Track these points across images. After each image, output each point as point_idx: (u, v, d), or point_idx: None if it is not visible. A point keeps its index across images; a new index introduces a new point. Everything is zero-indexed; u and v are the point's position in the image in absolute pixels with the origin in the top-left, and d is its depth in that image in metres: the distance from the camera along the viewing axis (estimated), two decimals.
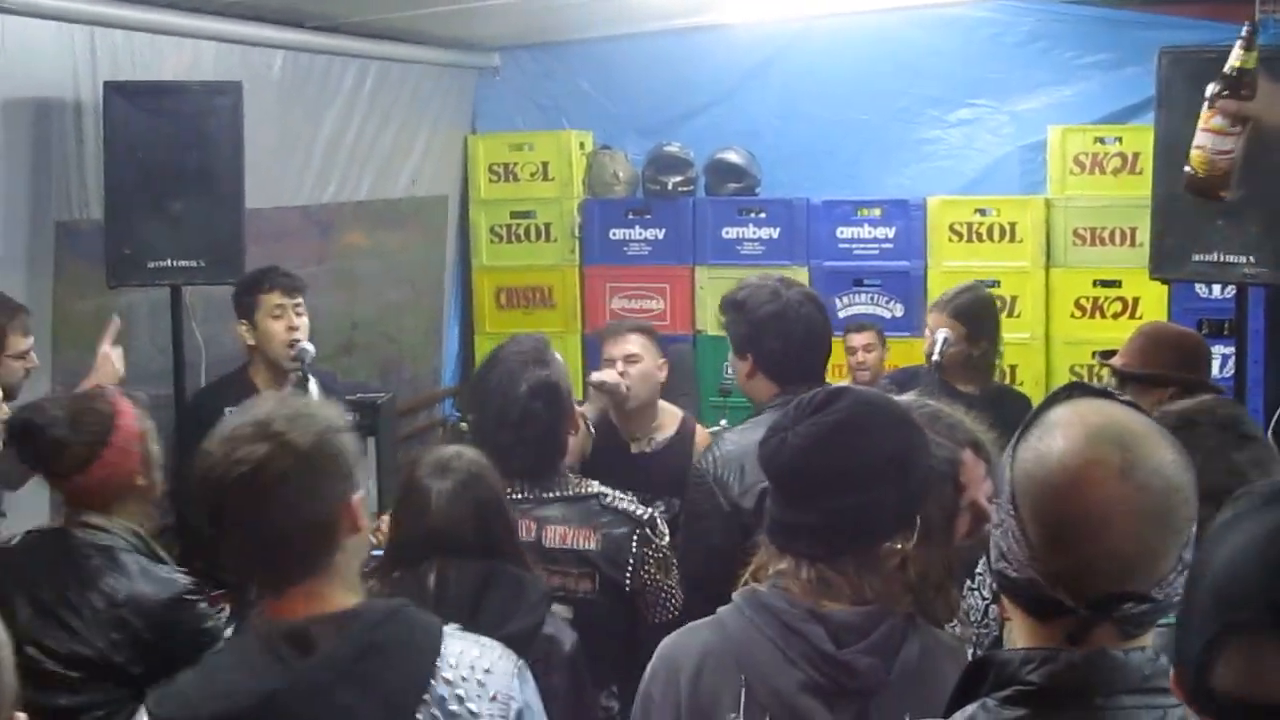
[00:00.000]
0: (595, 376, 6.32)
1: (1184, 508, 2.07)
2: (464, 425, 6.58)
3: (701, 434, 6.39)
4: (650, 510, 4.57)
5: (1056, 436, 2.11)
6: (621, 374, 6.24)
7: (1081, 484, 2.05)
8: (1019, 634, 2.18)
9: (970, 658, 3.02)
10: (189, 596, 4.05)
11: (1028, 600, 2.12)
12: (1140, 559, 2.04)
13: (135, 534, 4.14)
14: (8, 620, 3.84)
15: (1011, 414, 2.62)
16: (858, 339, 8.23)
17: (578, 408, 4.93)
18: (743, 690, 2.95)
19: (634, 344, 6.33)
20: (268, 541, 2.75)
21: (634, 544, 4.44)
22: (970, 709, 2.15)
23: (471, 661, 2.87)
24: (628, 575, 4.43)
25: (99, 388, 4.43)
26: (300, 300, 6.40)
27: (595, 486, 4.58)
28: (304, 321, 6.39)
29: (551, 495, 4.48)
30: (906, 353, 8.33)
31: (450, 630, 2.90)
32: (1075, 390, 2.21)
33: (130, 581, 3.99)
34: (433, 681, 2.78)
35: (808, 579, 2.96)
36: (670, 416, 6.44)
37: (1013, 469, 2.13)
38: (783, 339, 4.79)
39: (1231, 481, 2.57)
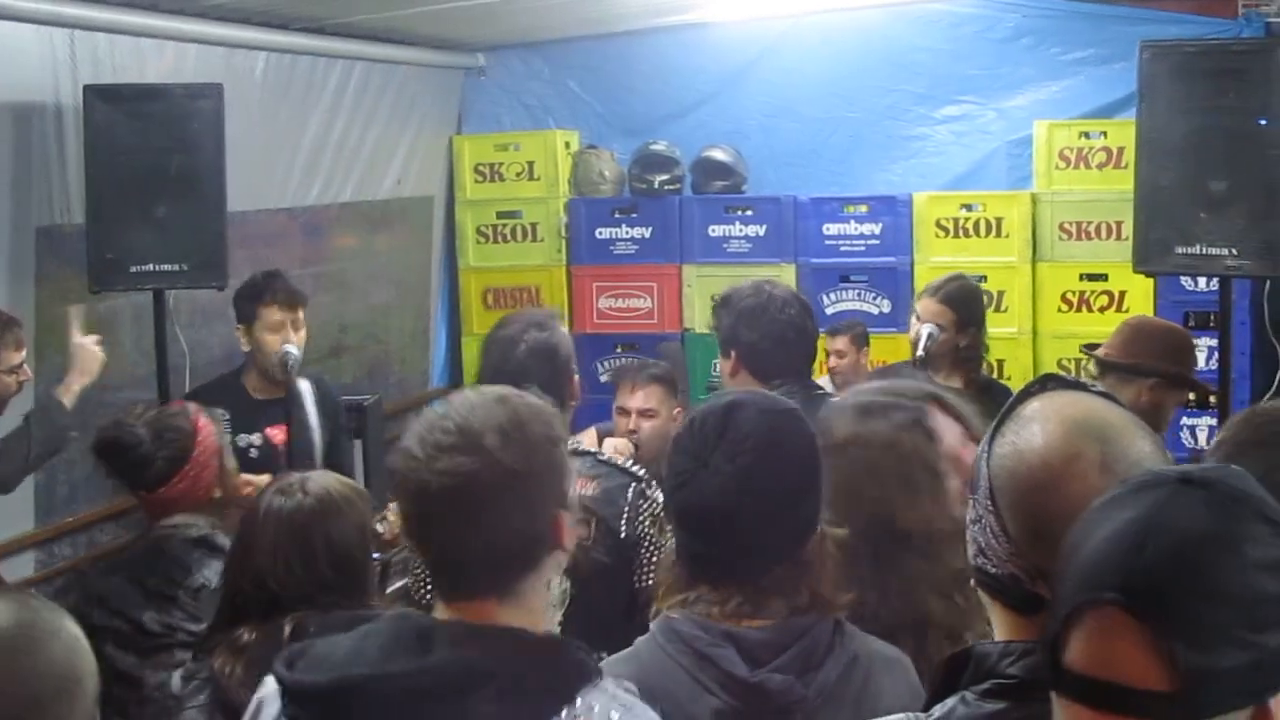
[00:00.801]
0: (605, 453, 6.26)
1: None
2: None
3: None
4: (645, 470, 4.72)
5: (1034, 431, 2.10)
6: (633, 430, 6.16)
7: (1062, 479, 2.04)
8: (998, 628, 2.16)
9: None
10: None
11: (1009, 595, 2.11)
12: None
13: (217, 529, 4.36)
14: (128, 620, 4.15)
15: (998, 408, 2.61)
16: (832, 343, 8.20)
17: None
18: None
19: (653, 397, 6.26)
20: (462, 556, 2.59)
21: (629, 494, 4.58)
22: (950, 702, 2.15)
23: None
24: (623, 522, 4.54)
25: (180, 405, 4.61)
26: (300, 313, 6.45)
27: (591, 447, 4.88)
28: (302, 335, 6.45)
29: None
30: (894, 349, 8.32)
31: (607, 686, 2.59)
32: (1049, 382, 2.20)
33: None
34: None
35: (732, 600, 2.90)
36: None
37: (989, 464, 2.12)
38: (761, 333, 4.87)
39: None
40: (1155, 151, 6.21)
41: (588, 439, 5.99)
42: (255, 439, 6.34)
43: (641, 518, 4.56)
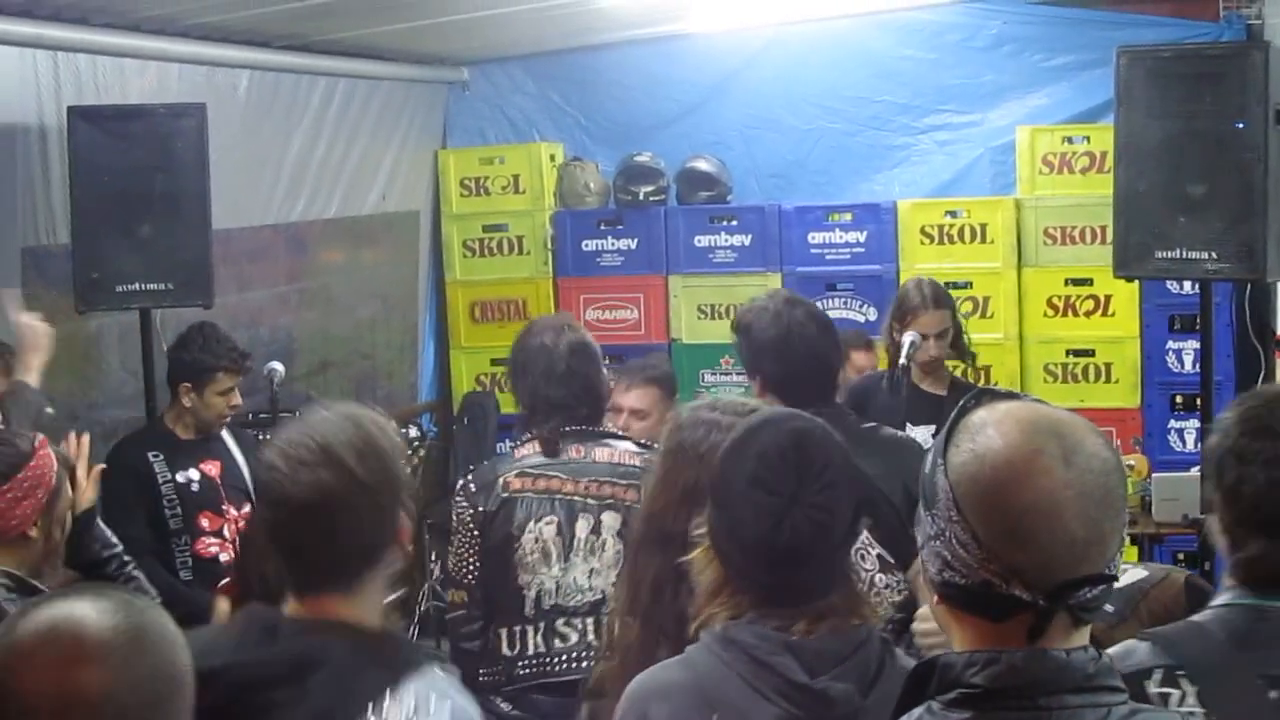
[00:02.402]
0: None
1: (1120, 487, 2.13)
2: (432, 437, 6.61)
3: None
4: None
5: (991, 435, 2.12)
6: (624, 428, 6.01)
7: (1028, 475, 2.07)
8: (962, 641, 2.17)
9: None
10: None
11: (980, 604, 2.12)
12: (1091, 542, 2.07)
13: (15, 577, 3.90)
14: None
15: None
16: (865, 359, 8.04)
17: None
18: None
19: (646, 398, 6.18)
20: (317, 559, 2.89)
21: None
22: (916, 712, 2.16)
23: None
24: None
25: (34, 435, 4.17)
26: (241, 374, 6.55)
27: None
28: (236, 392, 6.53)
29: (599, 430, 5.00)
30: (881, 356, 8.30)
31: (423, 684, 2.82)
32: (985, 396, 2.23)
33: None
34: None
35: (794, 622, 2.93)
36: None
37: (948, 476, 2.13)
38: (784, 364, 4.86)
39: None
40: (1133, 156, 6.23)
41: None
42: (194, 474, 6.34)
43: None
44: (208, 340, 6.39)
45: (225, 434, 6.53)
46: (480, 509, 4.91)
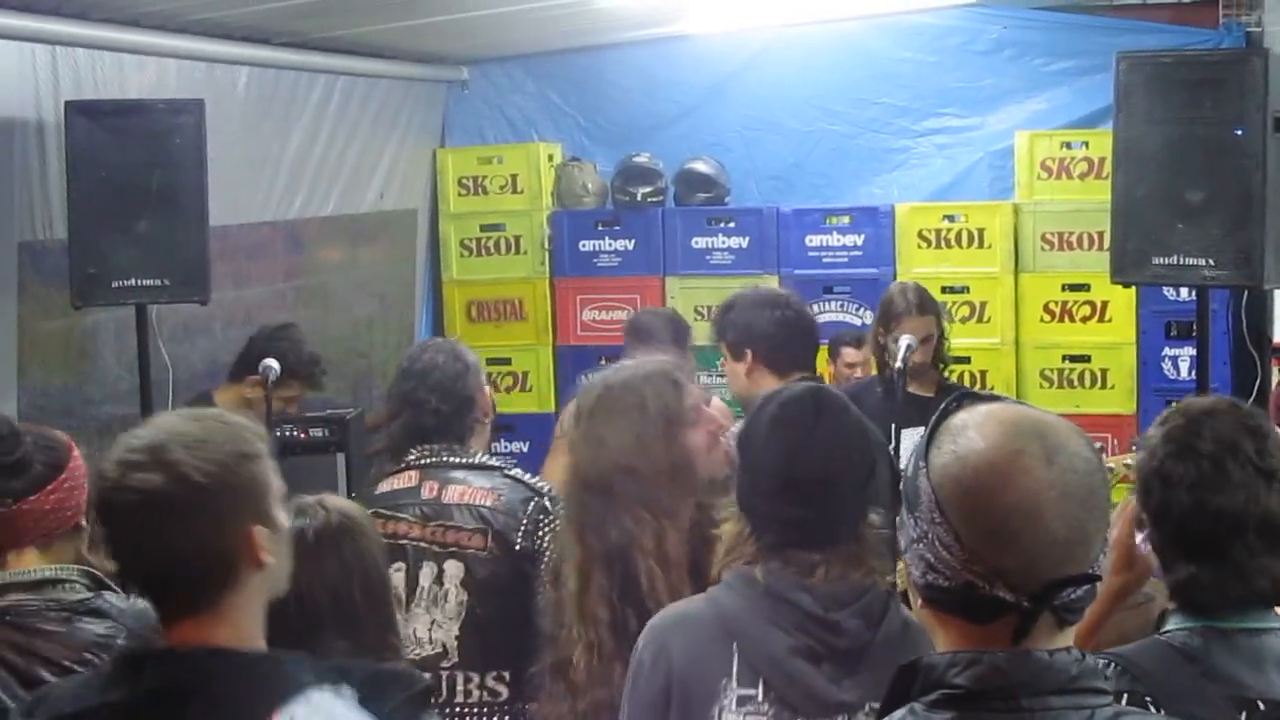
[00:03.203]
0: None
1: (1103, 488, 2.14)
2: None
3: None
4: (551, 486, 4.73)
5: (973, 436, 2.12)
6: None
7: (1011, 475, 2.07)
8: (945, 643, 2.18)
9: None
10: None
11: (964, 606, 2.12)
12: (1074, 542, 2.07)
13: (89, 573, 3.84)
14: None
15: None
16: (856, 355, 8.12)
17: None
18: (735, 657, 3.14)
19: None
20: (154, 572, 2.71)
21: (529, 507, 4.61)
22: (899, 713, 2.16)
23: None
24: (519, 534, 4.57)
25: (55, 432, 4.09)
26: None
27: (499, 461, 4.91)
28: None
29: (457, 461, 4.72)
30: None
31: (313, 697, 2.66)
32: (965, 398, 2.23)
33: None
34: None
35: (814, 566, 3.17)
36: None
37: (930, 478, 2.13)
38: (775, 325, 5.06)
39: None
40: (1132, 162, 6.23)
41: None
42: None
43: (541, 532, 4.56)
44: (296, 343, 6.76)
45: None
46: None
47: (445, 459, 4.73)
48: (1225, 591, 2.82)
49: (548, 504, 4.60)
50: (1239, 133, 5.98)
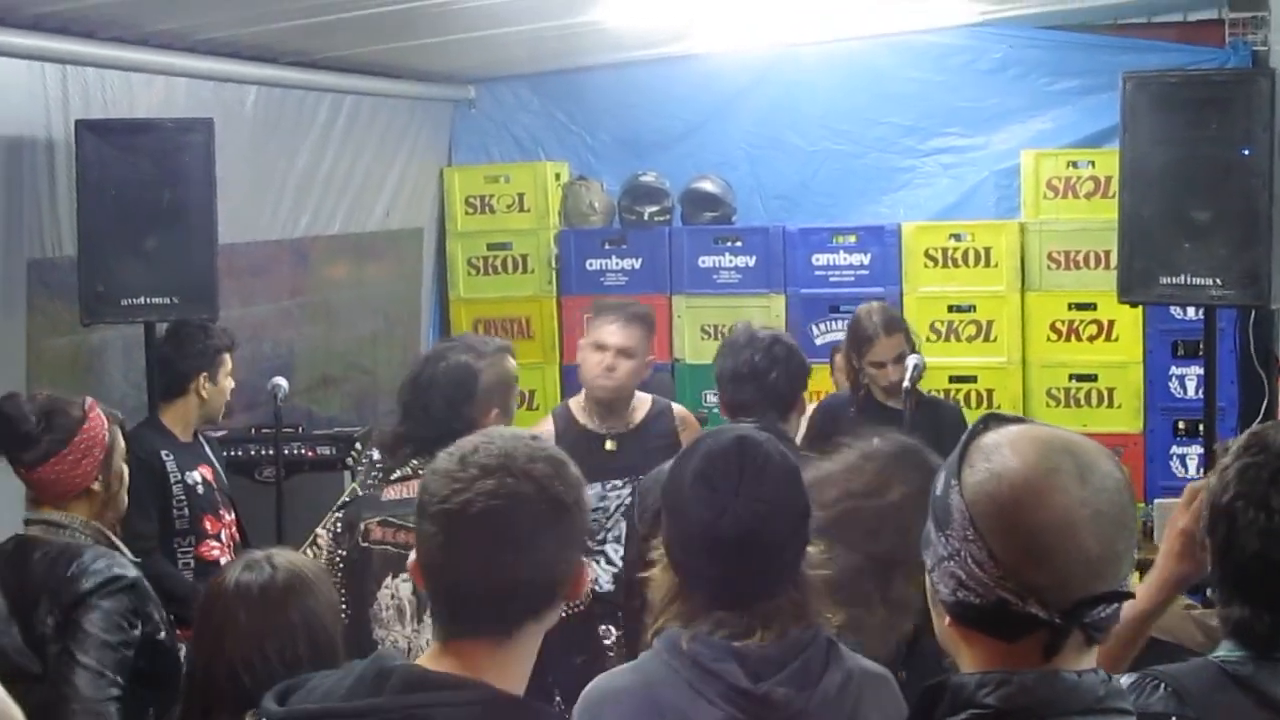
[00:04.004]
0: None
1: (1132, 506, 2.15)
2: None
3: (681, 410, 6.34)
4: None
5: (1007, 454, 2.13)
6: (610, 367, 5.98)
7: (1046, 492, 2.08)
8: (973, 662, 2.17)
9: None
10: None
11: (995, 623, 2.12)
12: (1106, 559, 2.08)
13: (93, 527, 4.39)
14: None
15: (947, 420, 2.66)
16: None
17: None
18: None
19: (633, 337, 6.03)
20: (490, 587, 2.46)
21: None
22: None
23: None
24: None
25: (84, 398, 4.55)
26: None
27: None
28: None
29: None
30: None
31: None
32: (993, 420, 2.23)
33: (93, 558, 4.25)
34: None
35: (743, 622, 3.04)
36: (641, 402, 6.22)
37: (964, 496, 2.13)
38: (723, 368, 5.16)
39: None
40: (1138, 181, 6.25)
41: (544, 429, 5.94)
42: (197, 475, 6.35)
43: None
44: (204, 330, 6.51)
45: (201, 439, 6.58)
46: (342, 552, 4.81)
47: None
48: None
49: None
50: (1246, 152, 6.01)
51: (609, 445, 6.05)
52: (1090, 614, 2.08)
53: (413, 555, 2.54)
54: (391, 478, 4.84)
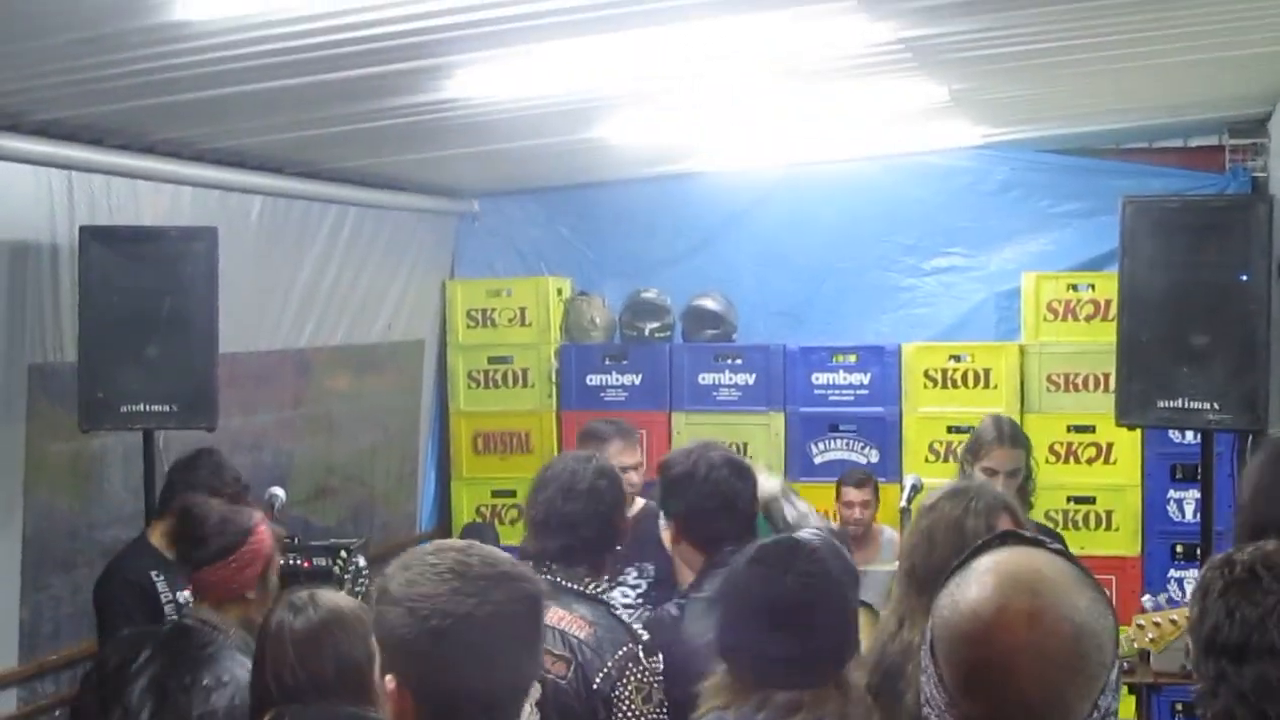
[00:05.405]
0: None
1: (1096, 653, 2.07)
2: None
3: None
4: (652, 639, 4.57)
5: (971, 584, 2.11)
6: (631, 484, 6.32)
7: (989, 630, 2.06)
8: None
9: None
10: None
11: None
12: (1050, 706, 2.04)
13: (240, 634, 4.71)
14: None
15: None
16: (855, 494, 8.12)
17: None
18: None
19: (636, 453, 6.91)
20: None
21: (620, 653, 4.41)
22: None
23: None
24: (600, 675, 4.38)
25: (254, 509, 5.07)
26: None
27: (614, 597, 4.90)
28: None
29: (571, 587, 4.55)
30: (882, 498, 8.26)
31: None
32: (1006, 539, 2.21)
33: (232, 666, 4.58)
34: None
35: (784, 705, 3.18)
36: (635, 504, 6.55)
37: (932, 617, 2.14)
38: (687, 503, 4.82)
39: None
40: (1136, 305, 6.27)
41: None
42: (188, 594, 6.26)
43: (625, 680, 4.38)
44: (217, 467, 6.37)
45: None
46: None
47: (560, 581, 4.54)
48: None
49: (640, 653, 4.44)
50: (1243, 278, 6.03)
51: None
52: None
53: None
54: None
